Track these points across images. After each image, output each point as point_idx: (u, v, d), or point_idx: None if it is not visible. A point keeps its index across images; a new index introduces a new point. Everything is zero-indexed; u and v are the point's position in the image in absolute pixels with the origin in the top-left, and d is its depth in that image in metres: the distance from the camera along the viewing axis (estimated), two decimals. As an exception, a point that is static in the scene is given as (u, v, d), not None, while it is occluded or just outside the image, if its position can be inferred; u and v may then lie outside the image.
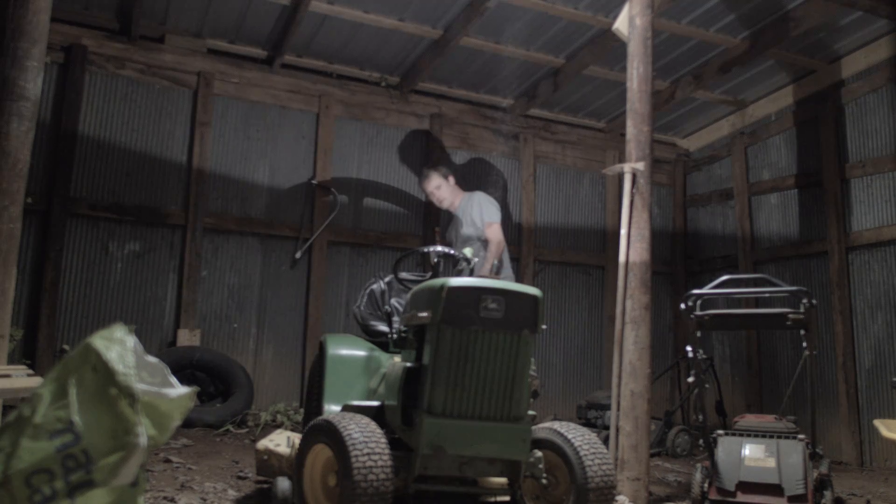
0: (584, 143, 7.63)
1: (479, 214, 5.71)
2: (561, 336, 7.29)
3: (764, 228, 7.10)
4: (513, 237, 7.30)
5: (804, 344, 3.82)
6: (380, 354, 3.65)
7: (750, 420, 3.98)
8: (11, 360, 3.94)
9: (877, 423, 3.57)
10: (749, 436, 3.78)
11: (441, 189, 5.85)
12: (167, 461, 4.11)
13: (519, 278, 6.99)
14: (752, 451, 3.68)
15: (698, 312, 3.88)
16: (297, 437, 3.34)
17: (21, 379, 2.75)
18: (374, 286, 4.11)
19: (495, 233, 5.67)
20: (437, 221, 6.86)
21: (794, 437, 3.68)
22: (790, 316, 3.80)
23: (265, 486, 3.68)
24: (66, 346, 5.50)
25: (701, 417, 3.82)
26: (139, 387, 1.70)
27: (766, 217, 7.10)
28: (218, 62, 6.29)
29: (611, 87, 6.85)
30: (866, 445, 5.91)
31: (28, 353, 5.34)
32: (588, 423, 5.99)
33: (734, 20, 5.89)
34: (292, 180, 6.51)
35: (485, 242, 5.67)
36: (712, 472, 3.72)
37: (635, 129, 4.09)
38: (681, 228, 8.00)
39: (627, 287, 3.94)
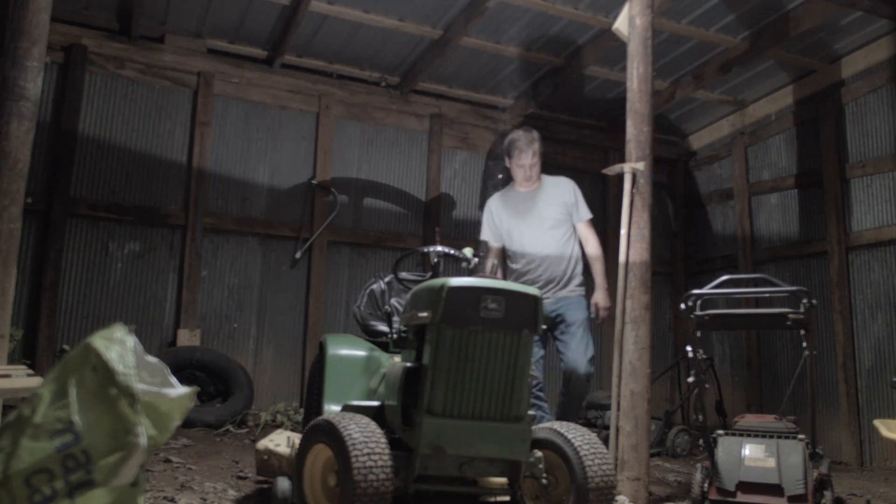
0: (584, 143, 7.62)
1: (576, 204, 4.93)
2: (561, 336, 7.28)
3: (764, 228, 7.10)
4: (513, 237, 7.30)
5: (804, 344, 3.82)
6: (380, 354, 3.65)
7: (750, 420, 3.97)
8: (11, 360, 3.94)
9: (877, 423, 3.56)
10: (749, 436, 3.77)
11: (535, 167, 4.95)
12: (167, 461, 4.11)
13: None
14: (752, 451, 3.68)
15: (698, 312, 3.88)
16: (297, 437, 3.34)
17: (21, 379, 2.75)
18: (374, 286, 4.11)
19: (591, 229, 5.02)
20: (438, 221, 6.86)
21: (794, 437, 3.68)
22: (790, 316, 3.79)
23: (265, 486, 3.68)
24: (66, 346, 5.50)
25: (701, 417, 3.81)
26: (139, 387, 1.70)
27: (766, 217, 7.10)
28: (218, 62, 6.29)
29: (611, 87, 6.85)
30: (866, 445, 5.91)
31: (28, 353, 5.34)
32: (588, 423, 5.99)
33: (734, 20, 5.89)
34: (292, 180, 6.51)
35: (572, 236, 4.93)
36: (712, 472, 3.72)
37: (635, 129, 4.09)
38: (681, 228, 8.00)
39: (627, 287, 3.94)
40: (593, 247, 4.90)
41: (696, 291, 3.94)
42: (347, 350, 3.66)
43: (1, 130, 3.19)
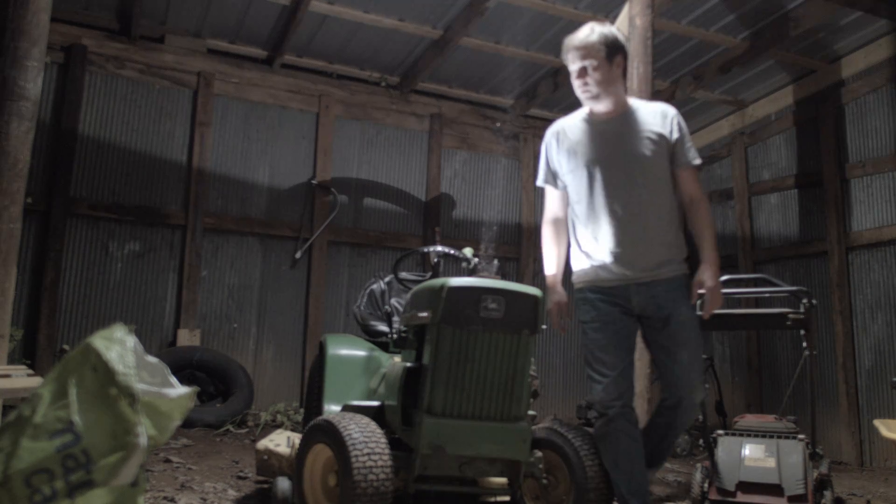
0: (584, 143, 7.62)
1: (681, 140, 3.06)
2: (561, 336, 7.29)
3: (764, 228, 7.10)
4: (513, 237, 7.30)
5: (804, 344, 3.82)
6: (380, 354, 3.65)
7: (750, 420, 3.97)
8: (11, 360, 3.94)
9: (877, 423, 3.56)
10: (749, 436, 3.77)
11: (596, 76, 3.01)
12: (167, 461, 4.11)
13: (519, 278, 6.99)
14: (752, 451, 3.68)
15: (698, 312, 3.87)
16: (297, 437, 3.34)
17: (21, 379, 2.75)
18: (374, 286, 4.10)
19: (699, 181, 3.17)
20: (438, 221, 6.86)
21: (794, 437, 3.67)
22: (790, 316, 3.79)
23: (265, 486, 3.68)
24: (66, 346, 5.50)
25: (701, 417, 3.81)
26: (139, 387, 1.70)
27: (766, 217, 7.10)
28: (218, 62, 6.30)
29: (611, 87, 6.84)
30: (866, 445, 5.91)
31: (28, 353, 5.34)
32: (588, 423, 5.98)
33: (734, 20, 5.89)
34: (292, 180, 6.52)
35: (671, 187, 3.10)
36: (712, 472, 3.72)
37: (635, 129, 4.08)
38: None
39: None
40: (697, 205, 3.09)
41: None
42: (347, 350, 3.66)
43: (1, 130, 3.19)
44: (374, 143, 6.88)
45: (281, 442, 3.61)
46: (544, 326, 2.97)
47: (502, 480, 3.00)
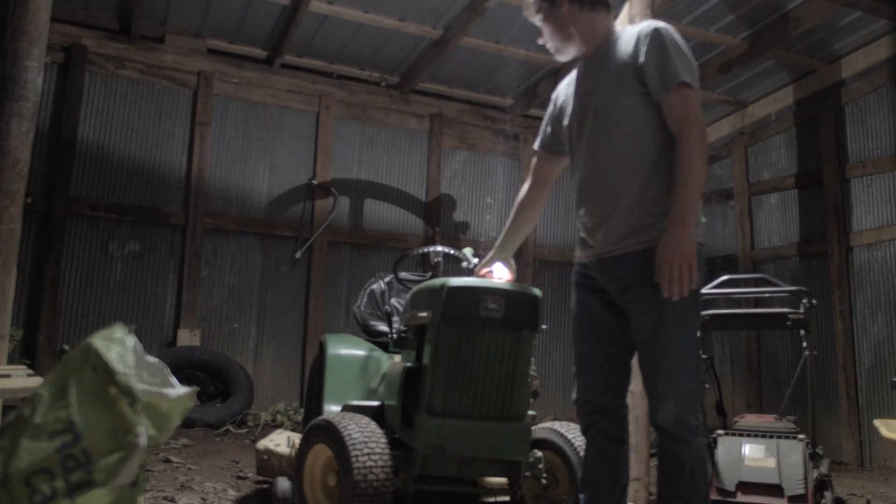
0: (584, 143, 7.62)
1: (648, 63, 2.26)
2: (561, 336, 7.29)
3: (764, 228, 7.10)
4: (513, 237, 7.30)
5: (804, 344, 3.82)
6: (380, 354, 3.66)
7: (750, 420, 3.98)
8: (11, 360, 3.94)
9: (877, 423, 3.56)
10: (749, 436, 3.77)
11: (546, 24, 2.58)
12: (167, 461, 4.11)
13: (519, 278, 6.99)
14: (752, 451, 3.68)
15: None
16: (297, 437, 3.34)
17: (21, 379, 2.74)
18: (374, 286, 4.10)
19: (688, 105, 2.23)
20: (438, 221, 6.86)
21: (794, 437, 3.68)
22: (790, 316, 3.80)
23: (265, 486, 3.68)
24: (66, 346, 5.50)
25: (701, 417, 3.81)
26: (139, 387, 1.69)
27: (766, 217, 7.10)
28: (218, 62, 6.30)
29: (611, 87, 6.84)
30: (866, 445, 5.91)
31: (28, 353, 5.34)
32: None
33: (734, 20, 5.89)
34: (292, 180, 6.52)
35: (652, 132, 2.30)
36: (712, 472, 3.72)
37: (635, 129, 4.07)
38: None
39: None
40: (679, 137, 2.24)
41: (696, 291, 3.93)
42: (347, 350, 3.66)
43: (1, 130, 3.19)
44: (374, 143, 6.88)
45: (281, 442, 3.61)
46: (544, 326, 2.97)
47: (502, 480, 3.00)
